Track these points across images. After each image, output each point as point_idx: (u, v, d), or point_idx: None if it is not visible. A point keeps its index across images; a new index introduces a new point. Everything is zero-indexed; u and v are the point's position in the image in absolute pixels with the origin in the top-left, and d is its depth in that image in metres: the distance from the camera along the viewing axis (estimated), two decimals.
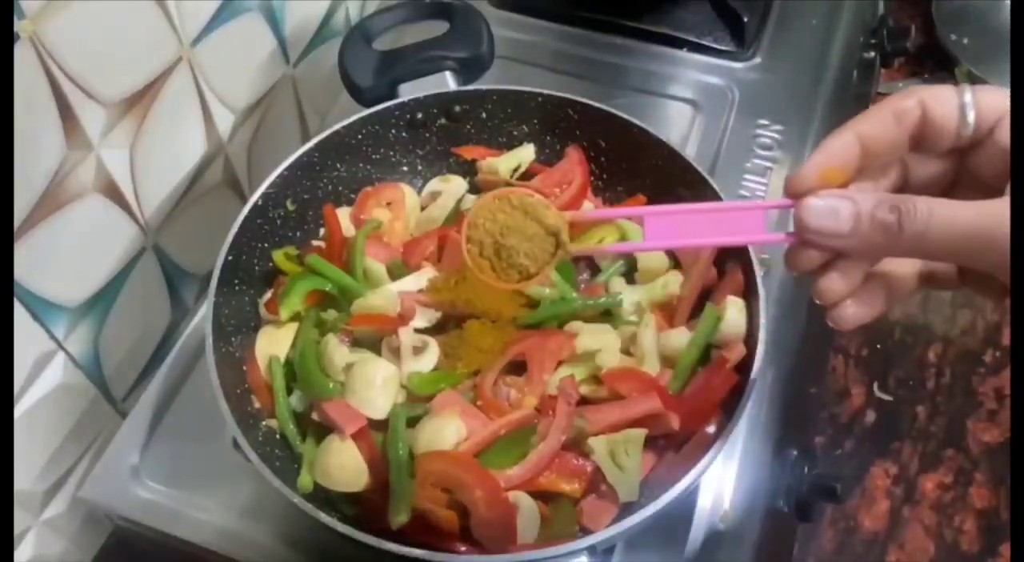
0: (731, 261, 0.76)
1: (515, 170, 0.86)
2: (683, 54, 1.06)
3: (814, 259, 0.50)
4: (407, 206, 0.85)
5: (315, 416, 0.71)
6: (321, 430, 0.70)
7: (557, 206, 0.82)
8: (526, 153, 0.87)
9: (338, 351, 0.72)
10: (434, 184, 0.88)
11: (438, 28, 0.90)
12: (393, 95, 0.85)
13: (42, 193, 0.69)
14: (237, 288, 0.75)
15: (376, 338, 0.74)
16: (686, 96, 1.02)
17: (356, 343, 0.74)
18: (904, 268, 0.52)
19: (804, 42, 1.08)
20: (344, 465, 0.67)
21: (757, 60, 1.06)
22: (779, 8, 1.11)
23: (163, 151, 0.83)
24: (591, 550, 0.63)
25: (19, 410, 0.73)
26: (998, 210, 0.43)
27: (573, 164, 0.85)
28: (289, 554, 0.73)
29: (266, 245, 0.79)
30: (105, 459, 0.78)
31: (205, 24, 0.83)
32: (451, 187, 0.87)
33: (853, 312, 0.51)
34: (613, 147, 0.85)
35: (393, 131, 0.85)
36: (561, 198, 0.83)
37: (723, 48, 1.05)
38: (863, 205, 0.46)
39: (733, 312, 0.72)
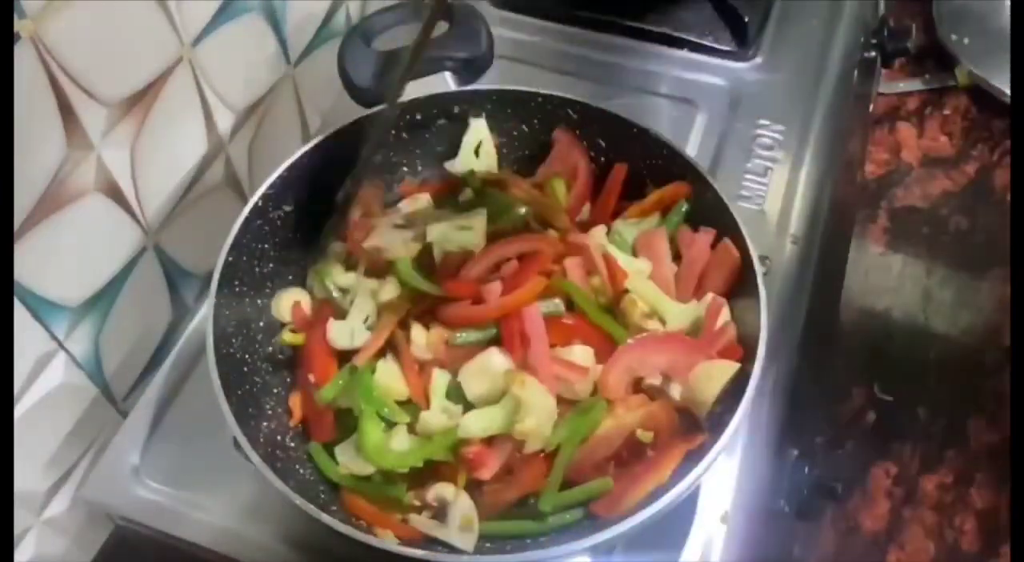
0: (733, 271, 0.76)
1: (477, 149, 0.86)
2: (683, 54, 1.06)
3: None
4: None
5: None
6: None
7: (568, 205, 0.83)
8: (477, 130, 0.86)
9: None
10: (403, 207, 0.86)
11: (437, 28, 0.90)
12: None
13: (42, 193, 0.69)
14: (237, 289, 0.75)
15: None
16: (686, 96, 1.02)
17: None
18: None
19: (805, 42, 1.08)
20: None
21: (758, 60, 1.06)
22: (780, 8, 1.11)
23: (164, 151, 0.83)
24: (592, 550, 0.63)
25: (20, 410, 0.73)
26: None
27: (568, 148, 0.84)
28: (289, 554, 0.73)
29: (266, 246, 0.79)
30: (106, 459, 0.78)
31: (206, 24, 0.83)
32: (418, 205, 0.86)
33: None
34: (612, 147, 0.85)
35: (392, 132, 0.85)
36: (574, 192, 0.84)
37: (723, 48, 1.05)
38: None
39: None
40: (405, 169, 0.89)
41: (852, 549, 1.06)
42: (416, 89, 0.85)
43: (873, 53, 1.18)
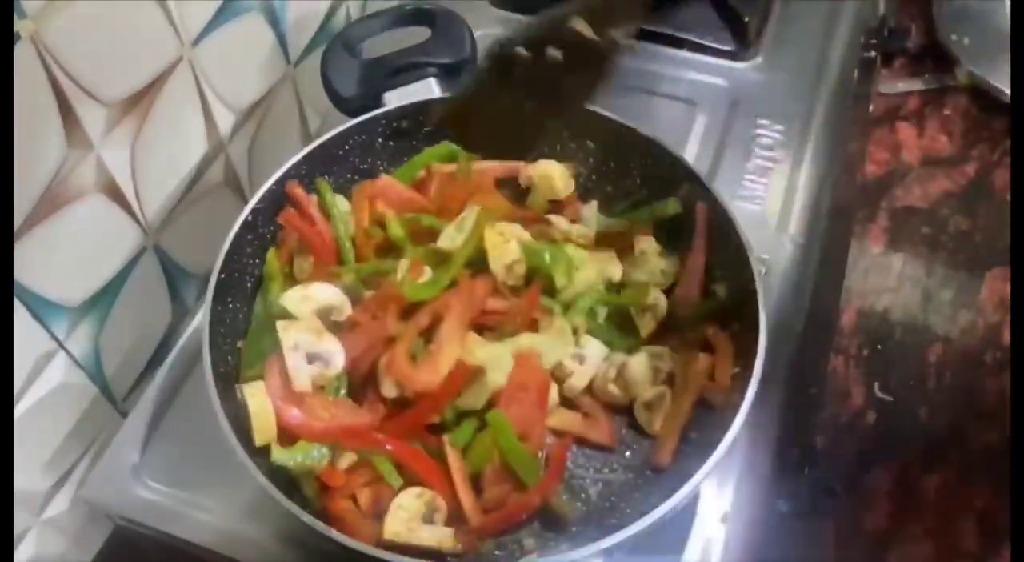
0: (728, 268, 0.76)
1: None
2: (683, 54, 1.06)
3: None
4: None
5: None
6: None
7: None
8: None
9: None
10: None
11: (420, 34, 0.90)
12: (378, 104, 0.85)
13: (43, 193, 0.69)
14: (231, 304, 0.76)
15: None
16: (686, 96, 1.02)
17: None
18: None
19: (804, 42, 1.08)
20: None
21: (758, 60, 1.06)
22: (780, 8, 1.11)
23: (164, 151, 0.83)
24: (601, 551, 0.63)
25: (20, 410, 0.73)
26: None
27: None
28: (289, 554, 0.73)
29: (258, 261, 0.79)
30: (106, 459, 0.78)
31: (206, 24, 0.83)
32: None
33: None
34: (601, 147, 0.85)
35: (379, 140, 0.85)
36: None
37: (723, 48, 1.05)
38: None
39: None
40: None
41: (852, 549, 1.05)
42: (401, 97, 0.85)
43: (873, 53, 1.18)
